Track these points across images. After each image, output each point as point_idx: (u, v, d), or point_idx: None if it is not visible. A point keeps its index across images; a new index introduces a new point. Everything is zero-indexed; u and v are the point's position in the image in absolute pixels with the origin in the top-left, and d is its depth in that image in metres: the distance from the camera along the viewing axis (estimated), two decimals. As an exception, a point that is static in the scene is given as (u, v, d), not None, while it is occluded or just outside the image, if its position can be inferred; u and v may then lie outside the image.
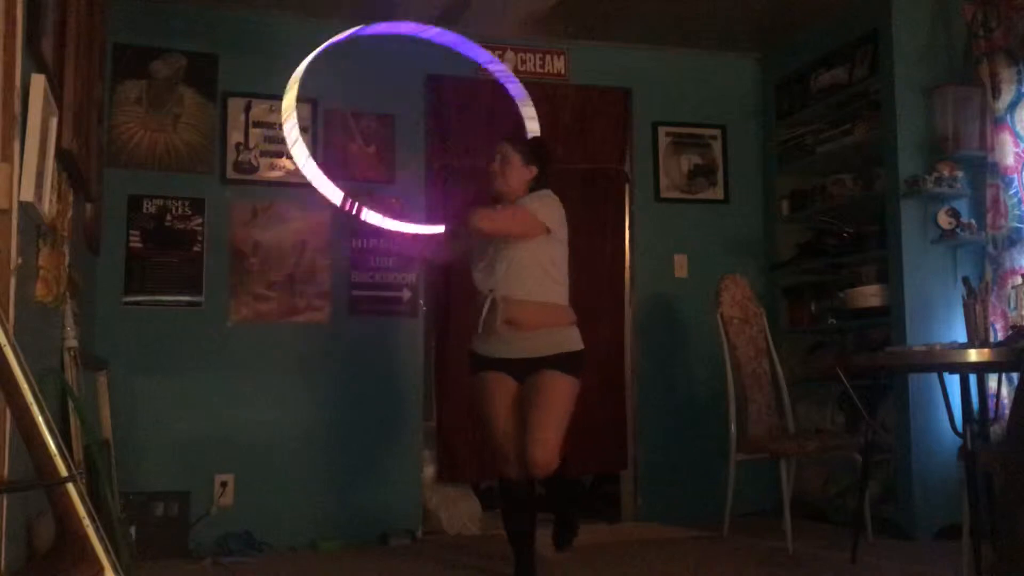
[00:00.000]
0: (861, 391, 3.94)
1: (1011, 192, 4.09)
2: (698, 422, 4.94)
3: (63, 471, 1.69)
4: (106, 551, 1.72)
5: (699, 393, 5.00)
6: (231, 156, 4.57)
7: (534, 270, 3.37)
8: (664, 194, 5.21)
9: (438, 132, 4.94)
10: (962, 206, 4.33)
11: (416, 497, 4.64)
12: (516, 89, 3.98)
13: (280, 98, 4.65)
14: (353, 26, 4.76)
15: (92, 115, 3.54)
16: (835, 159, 4.87)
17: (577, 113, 5.09)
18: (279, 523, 4.36)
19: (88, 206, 3.67)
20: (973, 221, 4.25)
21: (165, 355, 4.37)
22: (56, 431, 1.72)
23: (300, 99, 4.67)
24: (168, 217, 4.45)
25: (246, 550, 4.15)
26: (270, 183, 4.60)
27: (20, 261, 2.28)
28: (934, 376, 3.67)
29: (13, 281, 2.23)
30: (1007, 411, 3.80)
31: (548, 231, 3.36)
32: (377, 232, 4.54)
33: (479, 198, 4.81)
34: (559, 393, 3.32)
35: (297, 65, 4.68)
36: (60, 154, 2.74)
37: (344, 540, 4.39)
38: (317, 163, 3.62)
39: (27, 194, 2.30)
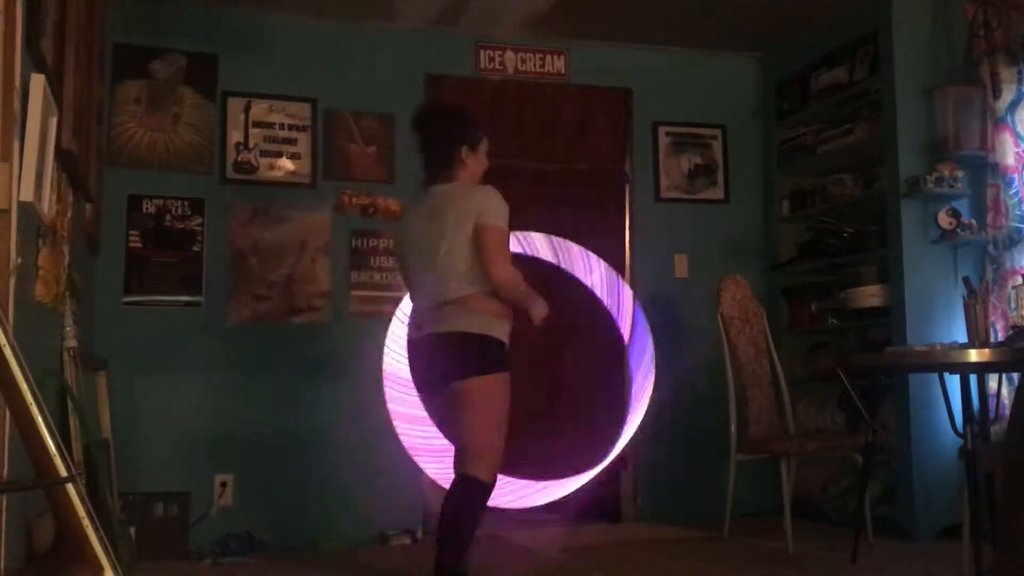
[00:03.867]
0: (861, 391, 3.94)
1: (1011, 192, 4.10)
2: (698, 422, 4.94)
3: (62, 471, 1.69)
4: (105, 551, 1.72)
5: (699, 393, 4.99)
6: (231, 156, 4.57)
7: None
8: (664, 194, 5.21)
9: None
10: (962, 206, 4.32)
11: (416, 497, 4.64)
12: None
13: (280, 98, 4.69)
14: (351, 26, 4.78)
15: (92, 115, 3.54)
16: (835, 159, 4.87)
17: (577, 113, 5.08)
18: (279, 523, 4.36)
19: (88, 206, 3.66)
20: (973, 221, 4.25)
21: (165, 355, 4.37)
22: (55, 431, 1.72)
23: (300, 99, 4.71)
24: (168, 217, 4.44)
25: (246, 550, 4.15)
26: (270, 183, 4.60)
27: (19, 261, 2.28)
28: (934, 376, 3.66)
29: (13, 281, 2.22)
30: (1007, 411, 3.80)
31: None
32: (377, 233, 4.55)
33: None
34: None
35: (296, 65, 4.71)
36: (60, 154, 2.74)
37: (344, 540, 4.39)
38: (318, 163, 3.55)
39: (26, 194, 2.30)
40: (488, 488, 3.13)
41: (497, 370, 3.13)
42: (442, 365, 3.16)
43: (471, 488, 3.10)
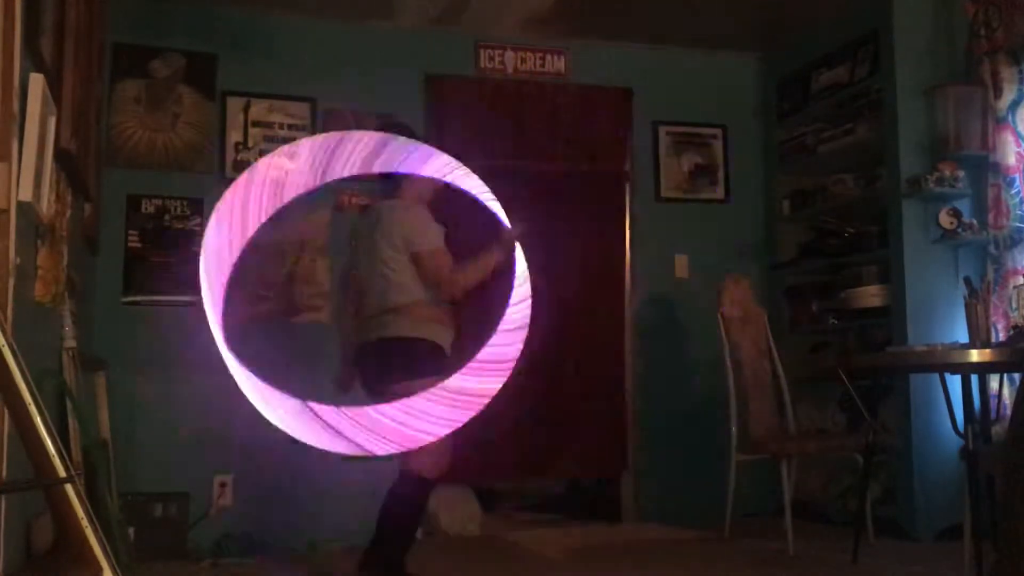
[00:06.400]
0: (862, 391, 3.93)
1: (1012, 192, 4.09)
2: (699, 422, 4.93)
3: (61, 472, 1.68)
4: (104, 552, 1.71)
5: (700, 393, 4.98)
6: (230, 155, 4.56)
7: None
8: (664, 194, 5.21)
9: (438, 132, 4.93)
10: (963, 206, 4.32)
11: (416, 498, 4.62)
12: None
13: (280, 98, 4.68)
14: (351, 26, 4.78)
15: (91, 114, 3.53)
16: (836, 159, 4.86)
17: (577, 113, 5.07)
18: (278, 524, 4.35)
19: (87, 206, 3.66)
20: (974, 221, 4.25)
21: (164, 355, 4.35)
22: (55, 432, 1.71)
23: (300, 98, 4.70)
24: (167, 217, 4.44)
25: (245, 551, 4.14)
26: (270, 183, 4.59)
27: (18, 261, 2.28)
28: (935, 376, 3.66)
29: (11, 281, 2.22)
30: (1008, 411, 3.79)
31: None
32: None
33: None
34: None
35: (296, 65, 4.70)
36: (59, 154, 2.73)
37: (344, 541, 4.37)
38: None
39: (25, 194, 2.29)
40: (428, 484, 3.30)
41: (434, 372, 3.14)
42: (384, 367, 3.28)
43: (410, 483, 3.27)
